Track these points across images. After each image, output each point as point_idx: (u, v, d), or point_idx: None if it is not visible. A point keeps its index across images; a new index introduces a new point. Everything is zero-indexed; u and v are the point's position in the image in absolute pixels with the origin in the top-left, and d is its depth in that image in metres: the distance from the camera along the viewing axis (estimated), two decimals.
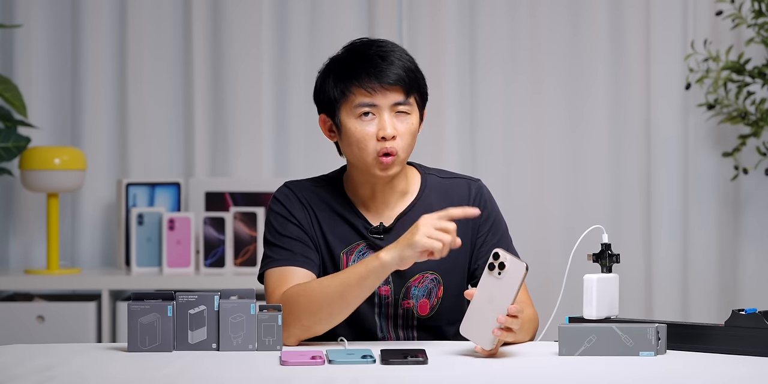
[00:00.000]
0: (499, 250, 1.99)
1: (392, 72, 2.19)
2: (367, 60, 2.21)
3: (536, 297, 2.41)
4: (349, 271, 2.12)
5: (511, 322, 1.98)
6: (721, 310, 3.91)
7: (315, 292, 2.12)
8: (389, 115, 2.20)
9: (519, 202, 3.96)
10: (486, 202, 2.32)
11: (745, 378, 1.85)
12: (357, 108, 2.20)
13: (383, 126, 2.19)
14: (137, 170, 3.95)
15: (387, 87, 2.19)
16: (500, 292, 1.98)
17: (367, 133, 2.19)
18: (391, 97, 2.20)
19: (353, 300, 2.11)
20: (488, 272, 1.99)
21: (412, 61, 2.24)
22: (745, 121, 3.78)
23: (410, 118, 2.22)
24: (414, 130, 2.23)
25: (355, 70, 2.20)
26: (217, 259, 3.73)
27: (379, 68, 2.19)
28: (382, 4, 3.96)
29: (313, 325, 2.12)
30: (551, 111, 3.98)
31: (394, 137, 2.19)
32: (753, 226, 3.94)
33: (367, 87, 2.19)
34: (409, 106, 2.22)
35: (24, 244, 3.96)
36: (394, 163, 2.20)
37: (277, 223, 2.26)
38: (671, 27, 3.95)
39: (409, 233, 2.05)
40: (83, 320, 3.61)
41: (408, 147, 2.22)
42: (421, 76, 2.26)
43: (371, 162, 2.20)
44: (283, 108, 3.99)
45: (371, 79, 2.19)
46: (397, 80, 2.19)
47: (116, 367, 1.92)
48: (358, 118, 2.20)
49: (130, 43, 3.94)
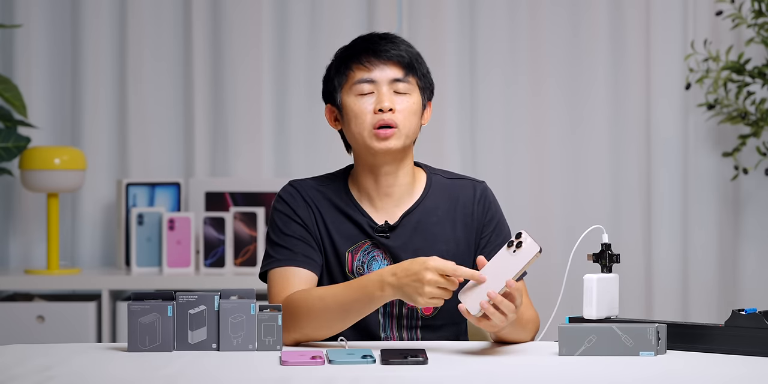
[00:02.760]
0: (524, 231, 2.01)
1: (391, 48, 2.23)
2: (368, 40, 2.26)
3: (536, 297, 2.41)
4: (351, 292, 2.10)
5: (501, 301, 1.96)
6: (721, 310, 3.91)
7: (315, 307, 2.11)
8: (388, 91, 2.21)
9: (519, 203, 3.96)
10: (490, 204, 2.32)
11: (745, 378, 1.85)
12: (356, 85, 2.22)
13: (381, 99, 2.20)
14: (137, 170, 3.95)
15: (385, 61, 2.22)
16: (507, 267, 2.00)
17: (365, 107, 2.21)
18: (389, 72, 2.22)
19: (352, 320, 2.13)
20: (506, 248, 2.01)
21: (415, 49, 2.27)
22: (745, 121, 3.78)
23: (411, 98, 2.23)
24: (415, 110, 2.23)
25: (355, 50, 2.25)
26: (217, 259, 3.73)
27: (378, 45, 2.23)
28: (382, 4, 3.96)
29: (312, 333, 2.14)
30: (551, 111, 3.98)
31: (392, 110, 2.20)
32: (753, 226, 3.94)
33: (365, 62, 2.22)
34: (409, 84, 2.23)
35: (24, 244, 3.96)
36: (394, 136, 2.20)
37: (281, 222, 2.26)
38: (671, 27, 3.96)
39: (415, 283, 2.00)
40: (83, 320, 3.60)
41: (408, 123, 2.21)
42: (424, 64, 2.28)
43: (368, 135, 2.20)
44: (283, 108, 3.99)
45: (369, 54, 2.22)
46: (396, 56, 2.22)
47: (116, 367, 1.92)
48: (357, 96, 2.22)
49: (130, 43, 3.94)
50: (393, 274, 2.04)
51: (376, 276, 2.07)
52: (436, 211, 2.28)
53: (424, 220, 2.27)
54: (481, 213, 2.30)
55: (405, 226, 2.26)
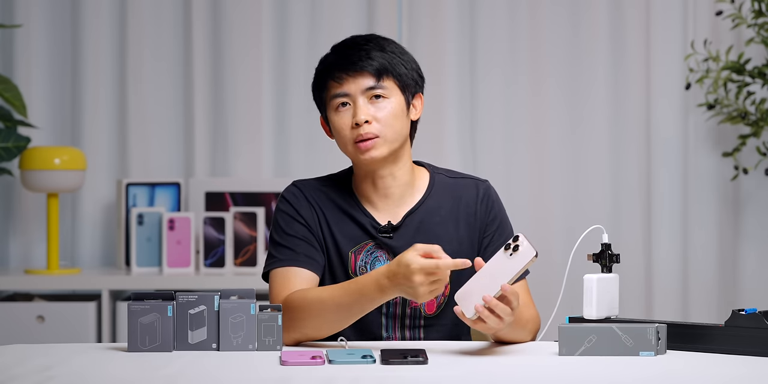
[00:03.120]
0: (521, 234, 2.00)
1: (359, 58, 2.21)
2: (338, 53, 2.25)
3: (536, 297, 2.41)
4: (350, 292, 2.09)
5: (496, 305, 1.96)
6: (721, 310, 3.91)
7: (314, 306, 2.11)
8: (364, 102, 2.21)
9: (519, 202, 3.96)
10: (493, 203, 2.32)
11: (745, 378, 1.85)
12: (333, 100, 2.23)
13: (356, 112, 2.20)
14: (137, 170, 3.95)
15: (354, 74, 2.21)
16: (503, 271, 1.99)
17: (344, 122, 2.21)
18: (361, 82, 2.21)
19: (351, 320, 2.12)
20: (503, 251, 2.00)
21: (391, 47, 2.24)
22: (745, 121, 3.78)
23: (389, 102, 2.22)
24: (397, 113, 2.22)
25: (327, 65, 2.25)
26: (217, 259, 3.73)
27: (346, 57, 2.22)
28: (382, 4, 3.96)
29: (312, 332, 2.13)
30: (551, 111, 3.98)
31: (368, 122, 2.19)
32: (753, 226, 3.94)
33: (336, 77, 2.22)
34: (384, 89, 2.22)
35: (24, 244, 3.96)
36: (375, 146, 2.20)
37: (284, 222, 2.26)
38: (671, 27, 3.96)
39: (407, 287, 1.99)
40: (83, 320, 3.60)
41: (390, 129, 2.20)
42: (403, 61, 2.24)
43: (351, 149, 2.22)
44: (283, 108, 3.99)
45: (338, 69, 2.22)
46: (365, 66, 2.21)
47: (116, 367, 1.92)
48: (336, 110, 2.23)
49: (130, 43, 3.94)
50: (387, 278, 2.03)
51: (372, 280, 2.06)
52: (438, 211, 2.28)
53: (427, 219, 2.27)
54: (484, 212, 2.30)
55: (408, 227, 2.26)
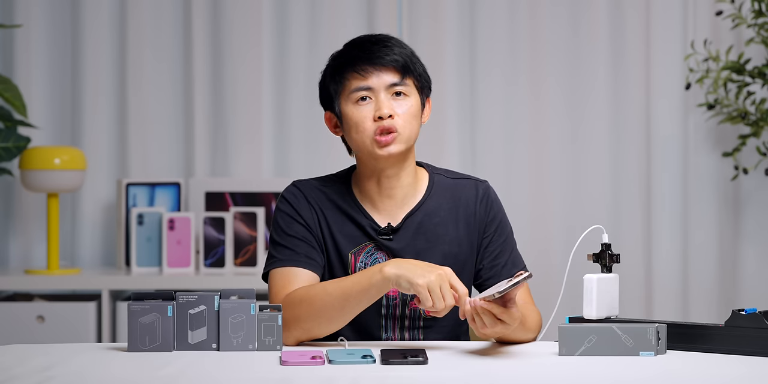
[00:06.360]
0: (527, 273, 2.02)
1: (385, 54, 2.21)
2: (360, 47, 2.23)
3: (536, 297, 2.41)
4: (352, 280, 2.11)
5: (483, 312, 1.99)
6: (721, 310, 3.91)
7: (316, 298, 2.12)
8: (386, 96, 2.20)
9: (519, 202, 3.96)
10: (493, 204, 2.32)
11: (745, 378, 1.85)
12: (353, 93, 2.21)
13: (379, 106, 2.19)
14: (137, 170, 3.95)
15: (380, 68, 2.20)
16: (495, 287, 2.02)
17: (365, 115, 2.20)
18: (385, 78, 2.20)
19: (354, 309, 2.11)
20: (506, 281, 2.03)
21: (408, 48, 2.25)
22: (745, 121, 3.78)
23: (409, 100, 2.22)
24: (415, 112, 2.22)
25: (349, 58, 2.22)
26: (217, 259, 3.73)
27: (371, 52, 2.21)
28: (382, 4, 3.96)
29: (314, 328, 2.13)
30: (551, 111, 3.98)
31: (391, 116, 2.19)
32: (753, 226, 3.94)
33: (360, 70, 2.20)
34: (407, 87, 2.22)
35: (24, 244, 3.96)
36: (395, 141, 2.19)
37: (284, 222, 2.26)
38: (671, 27, 3.96)
39: (423, 268, 2.04)
40: (83, 320, 3.60)
41: (409, 126, 2.21)
42: (419, 62, 2.26)
43: (370, 143, 2.20)
44: (283, 108, 3.99)
45: (364, 62, 2.21)
46: (390, 61, 2.20)
47: (116, 367, 1.92)
48: (355, 104, 2.21)
49: (130, 44, 3.94)
50: (395, 261, 2.07)
51: (376, 266, 2.10)
52: (438, 212, 2.28)
53: (427, 221, 2.27)
54: (483, 213, 2.30)
55: (407, 228, 2.26)
